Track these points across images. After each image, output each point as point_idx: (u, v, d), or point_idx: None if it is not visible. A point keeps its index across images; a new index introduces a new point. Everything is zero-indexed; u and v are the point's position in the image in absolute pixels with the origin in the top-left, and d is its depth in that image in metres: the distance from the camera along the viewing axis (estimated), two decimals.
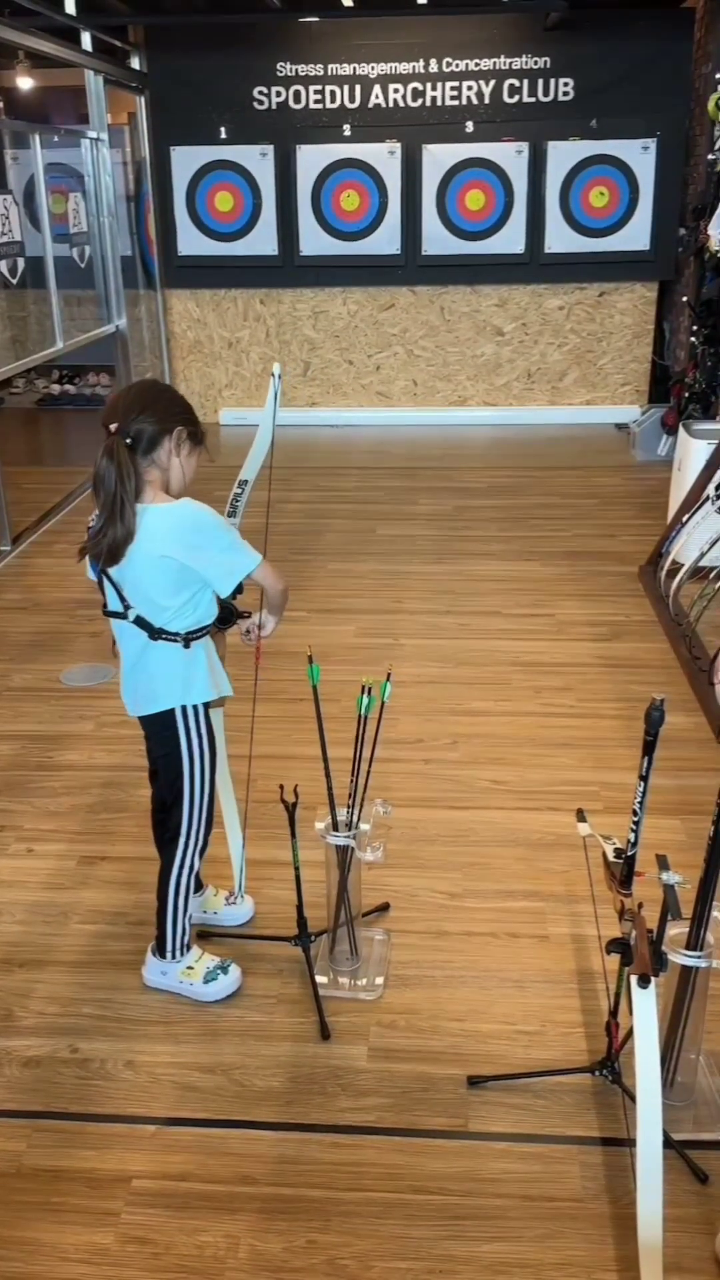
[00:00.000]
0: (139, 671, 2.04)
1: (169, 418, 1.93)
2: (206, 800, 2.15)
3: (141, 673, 2.04)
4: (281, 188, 6.87)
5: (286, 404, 7.36)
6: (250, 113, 6.81)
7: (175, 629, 1.99)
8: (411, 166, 6.80)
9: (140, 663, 2.03)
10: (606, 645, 3.83)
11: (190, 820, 2.14)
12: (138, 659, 2.03)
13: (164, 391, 2.02)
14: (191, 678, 2.04)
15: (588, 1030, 2.12)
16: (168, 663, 2.01)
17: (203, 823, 2.16)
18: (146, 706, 2.07)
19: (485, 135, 6.73)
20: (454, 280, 7.04)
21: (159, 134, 6.91)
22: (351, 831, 2.17)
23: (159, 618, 1.98)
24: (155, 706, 2.06)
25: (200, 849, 2.19)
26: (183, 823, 2.14)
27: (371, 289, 7.12)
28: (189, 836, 2.15)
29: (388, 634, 3.97)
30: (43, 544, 5.11)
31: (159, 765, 2.15)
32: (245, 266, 6.92)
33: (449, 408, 7.35)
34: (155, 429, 1.91)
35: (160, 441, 1.92)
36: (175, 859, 2.17)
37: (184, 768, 2.10)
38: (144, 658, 2.02)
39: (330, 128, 6.79)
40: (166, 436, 1.92)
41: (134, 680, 2.06)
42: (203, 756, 2.10)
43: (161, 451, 1.92)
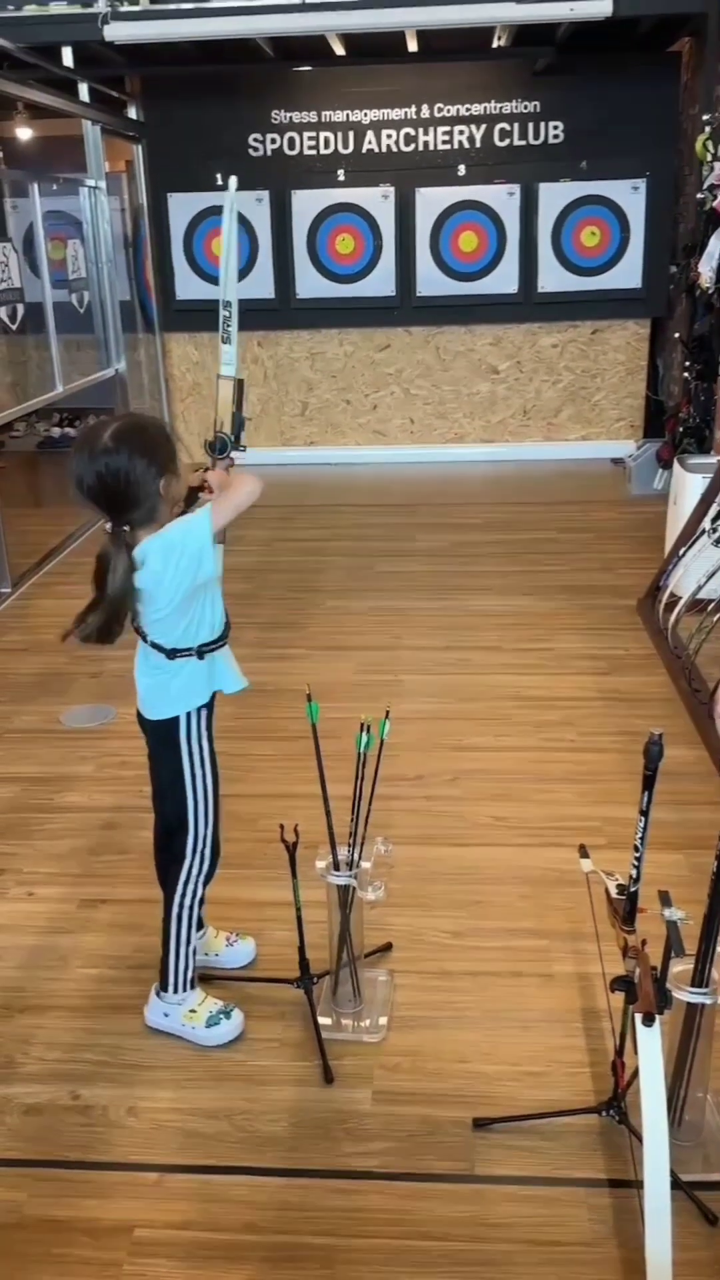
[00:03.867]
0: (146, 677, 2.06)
1: (152, 482, 1.87)
2: (211, 824, 2.14)
3: (148, 678, 2.06)
4: (278, 232, 6.97)
5: (285, 443, 7.42)
6: (246, 159, 6.92)
7: (188, 644, 2.01)
8: (405, 209, 6.89)
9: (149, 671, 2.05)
10: (606, 679, 3.83)
11: (195, 841, 2.13)
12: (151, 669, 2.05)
13: (135, 454, 1.85)
14: (198, 687, 2.05)
15: (594, 1070, 2.09)
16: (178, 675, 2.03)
17: (206, 846, 2.15)
18: (150, 710, 2.08)
19: (477, 178, 6.83)
20: (449, 320, 7.12)
21: (156, 181, 7.01)
22: (353, 870, 2.16)
23: (168, 638, 1.99)
24: (157, 714, 2.07)
25: (204, 876, 2.17)
26: (187, 845, 2.14)
27: (367, 330, 7.20)
28: (193, 859, 2.15)
29: (387, 670, 3.97)
30: (43, 585, 5.13)
31: (163, 781, 2.14)
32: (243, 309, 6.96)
33: (446, 445, 7.40)
34: (148, 503, 1.88)
35: (156, 509, 1.90)
36: (179, 885, 2.16)
37: (186, 782, 2.10)
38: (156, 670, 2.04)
39: (324, 173, 6.90)
40: (160, 500, 1.90)
41: (143, 684, 2.08)
42: (204, 769, 2.10)
43: (158, 510, 1.91)
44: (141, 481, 1.86)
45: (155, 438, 1.91)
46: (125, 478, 1.85)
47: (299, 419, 7.43)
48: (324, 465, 7.33)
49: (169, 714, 2.07)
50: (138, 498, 1.86)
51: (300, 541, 5.61)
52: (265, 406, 7.35)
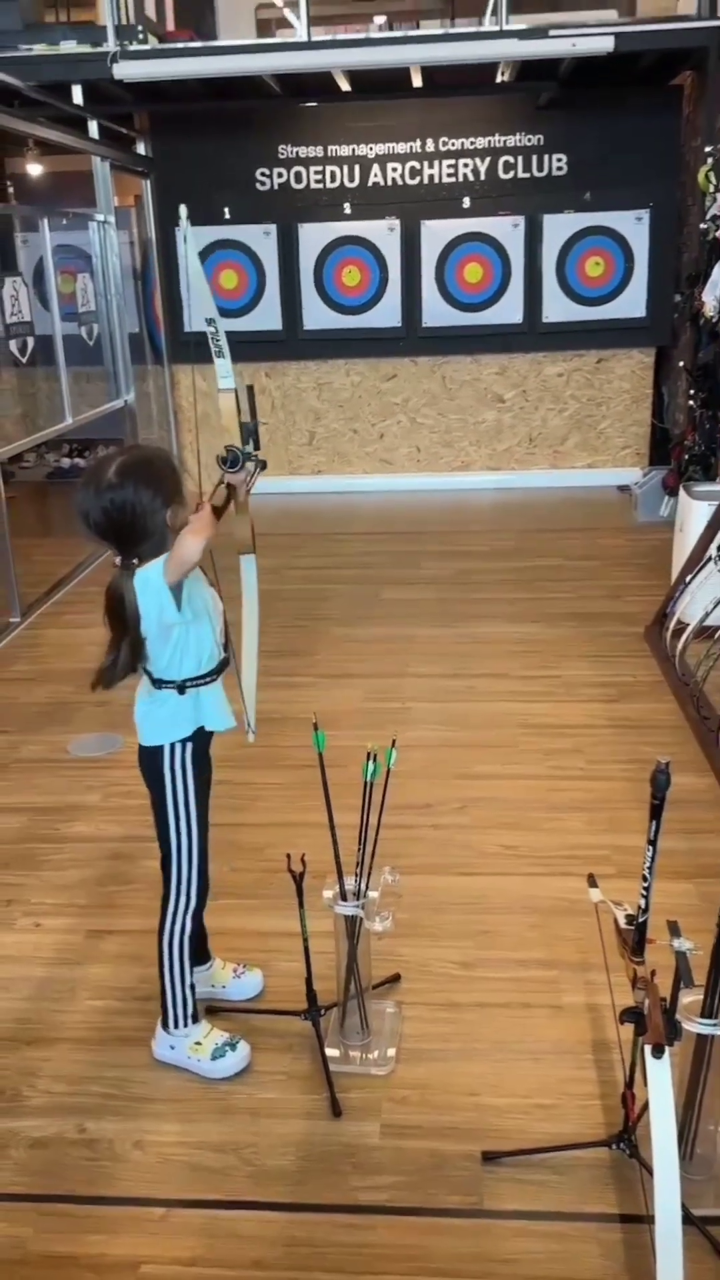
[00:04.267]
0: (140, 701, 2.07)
1: (159, 513, 1.87)
2: (194, 855, 2.13)
3: (141, 702, 2.07)
4: (284, 265, 7.04)
5: (293, 472, 7.46)
6: (253, 193, 7.00)
7: (171, 677, 2.01)
8: (411, 242, 6.96)
9: (142, 695, 2.06)
10: (615, 706, 3.82)
11: (178, 875, 2.13)
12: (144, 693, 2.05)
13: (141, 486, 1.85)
14: (179, 721, 2.05)
15: (604, 1102, 2.07)
16: (162, 705, 2.03)
17: (190, 881, 2.14)
18: (140, 734, 2.09)
19: (482, 210, 6.90)
20: (454, 350, 7.16)
21: (165, 215, 7.09)
22: (360, 900, 2.15)
23: (155, 667, 2.00)
24: (143, 740, 2.08)
25: (189, 909, 2.15)
26: (170, 877, 2.13)
27: (374, 360, 7.25)
28: (177, 894, 2.14)
29: (394, 698, 3.97)
30: (52, 614, 5.14)
31: (153, 811, 2.14)
32: (250, 341, 7.04)
33: (452, 473, 7.43)
34: (156, 535, 1.88)
35: (165, 540, 1.89)
36: (165, 919, 2.15)
37: (168, 812, 2.09)
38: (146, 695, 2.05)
39: (331, 206, 6.98)
40: (168, 531, 1.89)
41: (137, 709, 2.09)
42: (186, 803, 2.09)
43: (166, 541, 1.90)
44: (149, 513, 1.86)
45: (160, 469, 1.91)
46: (132, 511, 1.85)
47: (306, 448, 7.48)
48: (331, 494, 7.36)
49: (153, 742, 2.07)
50: (146, 530, 1.87)
51: (307, 569, 5.63)
52: (273, 436, 7.40)
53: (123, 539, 1.88)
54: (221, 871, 2.66)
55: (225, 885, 2.69)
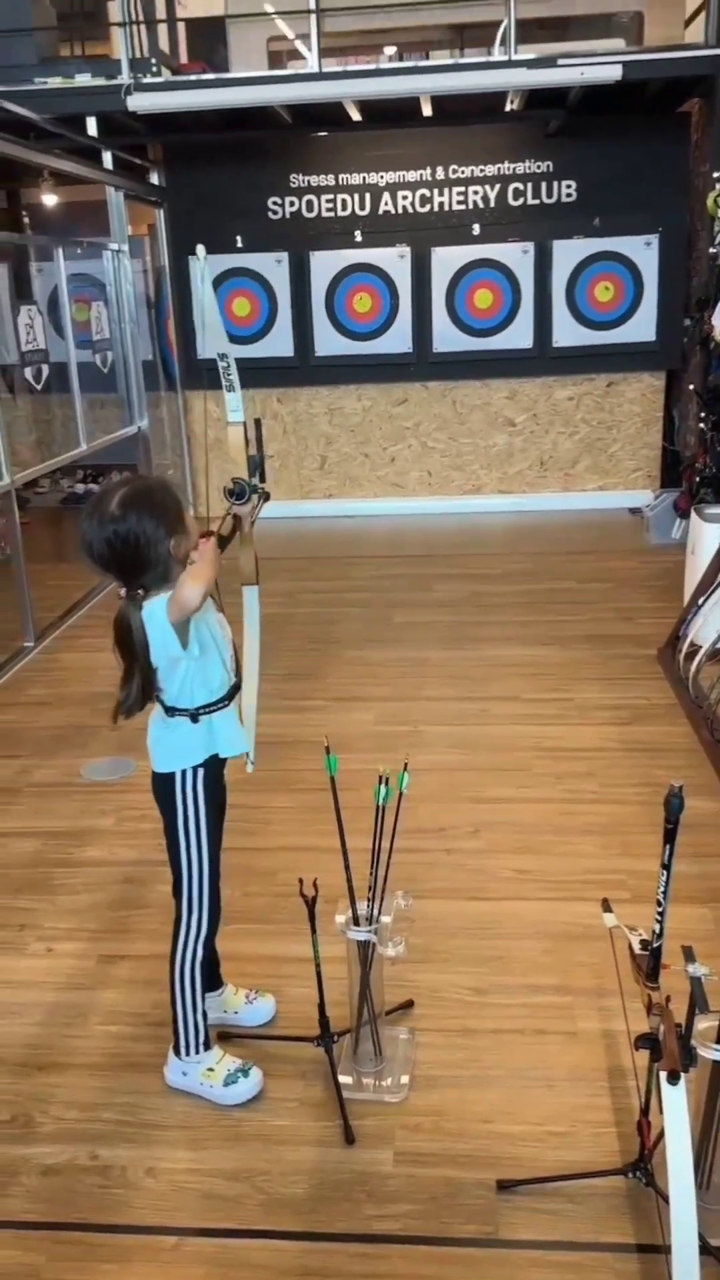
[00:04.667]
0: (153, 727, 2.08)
1: (163, 543, 1.87)
2: (206, 881, 2.12)
3: (154, 727, 2.07)
4: (296, 292, 7.09)
5: (304, 496, 7.49)
6: (265, 222, 7.07)
7: (183, 706, 2.01)
8: (421, 268, 7.01)
9: (155, 721, 2.06)
10: (628, 729, 3.81)
11: (190, 901, 2.12)
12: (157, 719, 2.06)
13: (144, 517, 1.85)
14: (192, 748, 2.05)
15: (620, 1130, 2.05)
16: (174, 732, 2.04)
17: (202, 907, 2.13)
18: (153, 761, 2.09)
19: (492, 237, 6.95)
20: (465, 375, 7.20)
21: (178, 244, 7.17)
22: (373, 926, 2.14)
23: (166, 696, 2.01)
24: (156, 766, 2.08)
25: (200, 935, 2.15)
26: (182, 904, 2.13)
27: (385, 385, 7.29)
28: (189, 919, 2.13)
29: (407, 721, 3.96)
30: (66, 639, 5.16)
31: (165, 836, 2.13)
32: (263, 367, 7.09)
33: (463, 496, 7.45)
34: (160, 565, 1.88)
35: (169, 570, 1.89)
36: (177, 945, 2.14)
37: (180, 838, 2.09)
38: (159, 721, 2.05)
39: (342, 234, 7.04)
40: (172, 561, 1.89)
41: (150, 734, 2.09)
42: (198, 829, 2.08)
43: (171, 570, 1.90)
44: (152, 544, 1.86)
45: (162, 499, 1.90)
46: (135, 542, 1.85)
47: (318, 472, 7.51)
48: (342, 517, 7.39)
49: (166, 768, 2.07)
50: (150, 560, 1.87)
51: (319, 593, 5.64)
52: (285, 461, 7.44)
53: (126, 570, 1.89)
54: (233, 896, 2.65)
55: (237, 910, 2.68)
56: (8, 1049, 2.36)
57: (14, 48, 6.02)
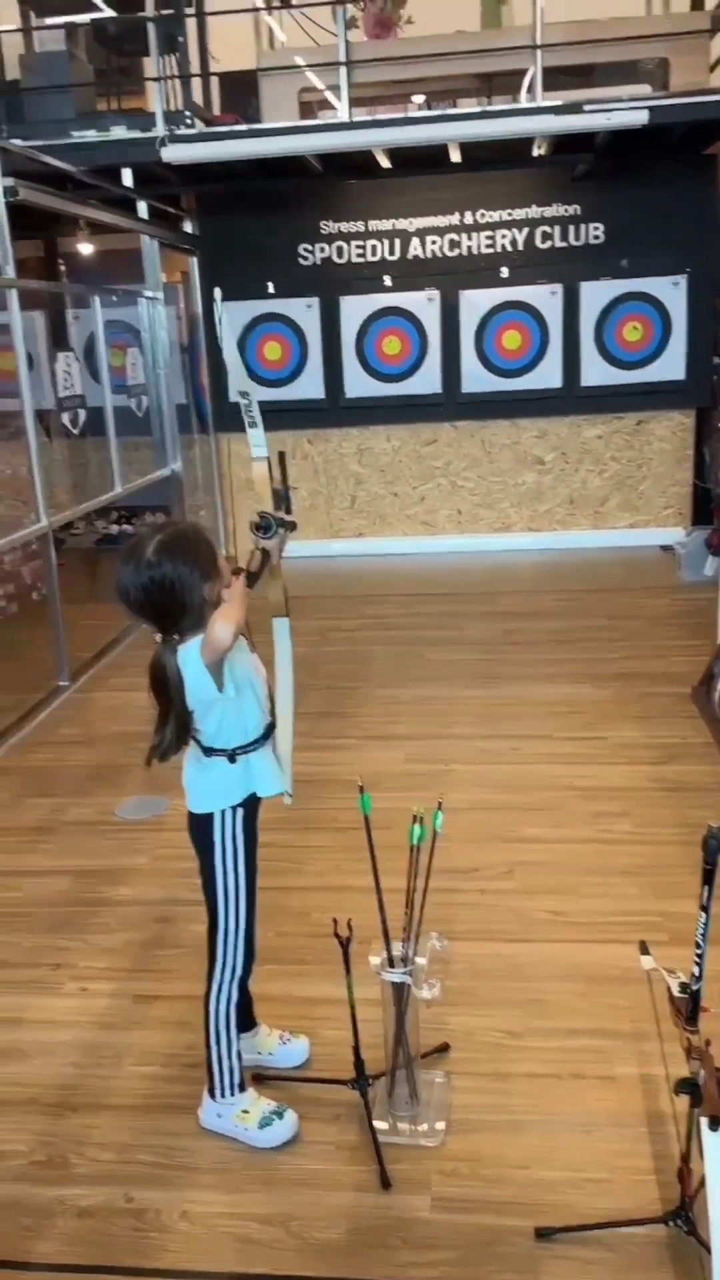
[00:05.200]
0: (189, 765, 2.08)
1: (198, 588, 1.89)
2: (241, 922, 2.12)
3: (190, 766, 2.08)
4: (327, 336, 7.19)
5: (335, 535, 7.54)
6: (296, 268, 7.19)
7: (220, 746, 2.03)
8: (450, 311, 7.09)
9: (191, 759, 2.07)
10: (663, 768, 3.78)
11: (225, 942, 2.12)
12: (193, 757, 2.07)
13: (180, 564, 1.88)
14: (230, 788, 2.06)
15: (659, 1177, 2.02)
16: (211, 771, 2.05)
17: (237, 948, 2.13)
18: (189, 801, 2.10)
19: (520, 279, 7.02)
20: (494, 415, 7.25)
21: (210, 290, 7.30)
22: (407, 967, 2.13)
23: (203, 736, 2.02)
24: (192, 806, 2.10)
25: (235, 976, 2.15)
26: (217, 945, 2.13)
27: (414, 426, 7.35)
28: (224, 960, 2.13)
29: (438, 760, 3.96)
30: (100, 678, 5.21)
31: (202, 877, 2.14)
32: (294, 409, 7.19)
33: (493, 534, 7.47)
34: (196, 610, 1.89)
35: (204, 614, 1.91)
36: (211, 987, 2.14)
37: (216, 878, 2.09)
38: (195, 760, 2.06)
39: (372, 279, 7.14)
40: (206, 605, 1.91)
41: (186, 773, 2.10)
42: (235, 871, 2.09)
43: (205, 615, 1.91)
44: (188, 590, 1.89)
45: (196, 545, 1.93)
46: (171, 588, 1.88)
47: (348, 511, 7.57)
48: (372, 556, 7.42)
49: (203, 809, 2.08)
50: (186, 606, 1.90)
51: (349, 631, 5.66)
52: (315, 500, 7.50)
53: (163, 615, 1.91)
54: (267, 936, 2.65)
55: (271, 950, 2.68)
56: (43, 1089, 2.36)
57: (53, 103, 6.19)
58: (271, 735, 2.10)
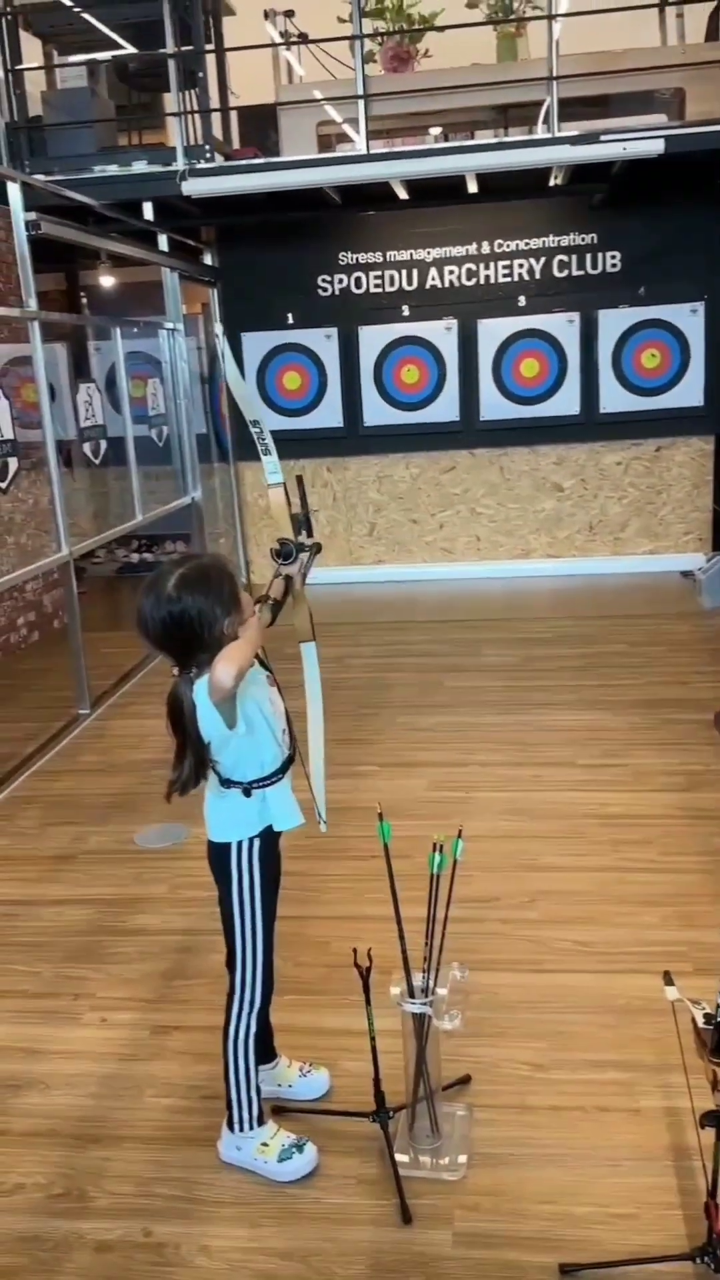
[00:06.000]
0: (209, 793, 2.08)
1: (219, 622, 1.88)
2: (259, 954, 2.11)
3: (210, 794, 2.08)
4: (345, 365, 7.26)
5: (353, 562, 7.57)
6: (315, 298, 7.27)
7: (236, 779, 2.03)
8: (468, 340, 7.14)
9: (211, 787, 2.07)
10: (686, 795, 3.75)
11: (243, 973, 2.11)
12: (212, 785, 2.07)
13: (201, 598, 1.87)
14: (247, 819, 2.06)
15: (686, 1212, 1.98)
16: (228, 802, 2.06)
17: (256, 979, 2.12)
18: (209, 829, 2.10)
19: (537, 308, 7.07)
20: (512, 442, 7.28)
21: (230, 321, 7.38)
22: (428, 998, 2.11)
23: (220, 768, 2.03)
24: (211, 835, 2.10)
25: (254, 1008, 2.13)
26: (236, 976, 2.12)
27: (433, 453, 7.39)
28: (242, 992, 2.12)
29: (459, 787, 3.94)
30: (120, 706, 5.23)
31: (219, 906, 2.13)
32: (313, 438, 7.24)
33: (513, 560, 7.48)
34: (215, 646, 1.87)
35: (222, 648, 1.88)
36: (230, 1019, 2.13)
37: (234, 909, 2.09)
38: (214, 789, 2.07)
39: (390, 309, 7.21)
40: (226, 640, 1.89)
41: (207, 802, 2.10)
42: (253, 901, 2.08)
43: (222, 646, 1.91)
44: (208, 625, 1.89)
45: (217, 579, 1.93)
46: (192, 623, 1.88)
47: (367, 539, 7.60)
48: (392, 583, 7.44)
49: (221, 838, 2.08)
50: (205, 641, 1.89)
51: (369, 658, 5.67)
52: (334, 528, 7.54)
53: (182, 649, 1.92)
54: (286, 966, 2.64)
55: (290, 981, 2.67)
56: (62, 1121, 2.35)
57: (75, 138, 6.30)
58: (290, 769, 2.10)
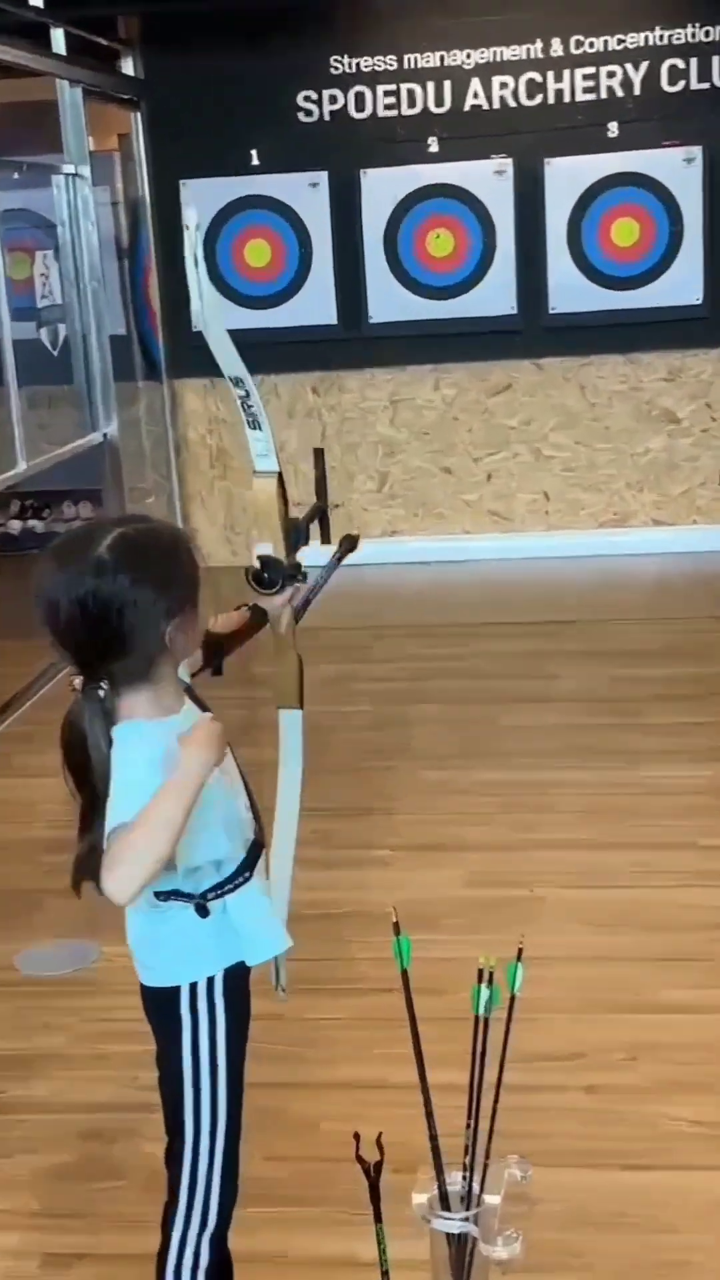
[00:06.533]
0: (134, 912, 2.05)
1: (157, 624, 1.87)
2: (220, 1141, 2.09)
3: (136, 913, 2.05)
4: (340, 230, 7.29)
5: None
6: (293, 127, 7.30)
7: (179, 888, 2.00)
8: (530, 190, 7.17)
9: (141, 913, 2.05)
10: None
11: (193, 1172, 2.09)
12: (141, 908, 2.03)
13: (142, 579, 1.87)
14: (200, 950, 2.04)
15: None
16: (168, 925, 2.03)
17: (212, 1182, 2.09)
18: (144, 973, 2.09)
19: (636, 140, 7.09)
20: (599, 347, 7.31)
21: (163, 163, 7.39)
22: (471, 1210, 2.10)
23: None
24: (146, 978, 2.08)
25: (207, 1228, 2.11)
26: (182, 1176, 2.09)
27: (476, 365, 7.41)
28: (190, 1202, 2.10)
29: (517, 881, 3.95)
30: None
31: (160, 1068, 2.12)
32: (289, 342, 7.25)
33: (599, 531, 7.49)
34: (143, 654, 1.88)
35: (155, 665, 1.90)
36: (171, 1244, 2.11)
37: (183, 1071, 2.06)
38: (149, 912, 2.03)
39: (409, 142, 7.24)
40: (163, 653, 1.90)
41: (131, 923, 2.08)
42: (212, 1058, 2.06)
43: (157, 667, 1.91)
44: (143, 621, 1.85)
45: (173, 559, 1.93)
46: (120, 611, 1.84)
47: (374, 497, 7.60)
48: (414, 565, 7.43)
49: (162, 981, 2.05)
50: (130, 643, 1.86)
51: (380, 681, 5.66)
52: None
53: (94, 648, 1.88)
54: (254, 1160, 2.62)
55: (260, 1183, 2.64)
56: None
57: None
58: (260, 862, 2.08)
